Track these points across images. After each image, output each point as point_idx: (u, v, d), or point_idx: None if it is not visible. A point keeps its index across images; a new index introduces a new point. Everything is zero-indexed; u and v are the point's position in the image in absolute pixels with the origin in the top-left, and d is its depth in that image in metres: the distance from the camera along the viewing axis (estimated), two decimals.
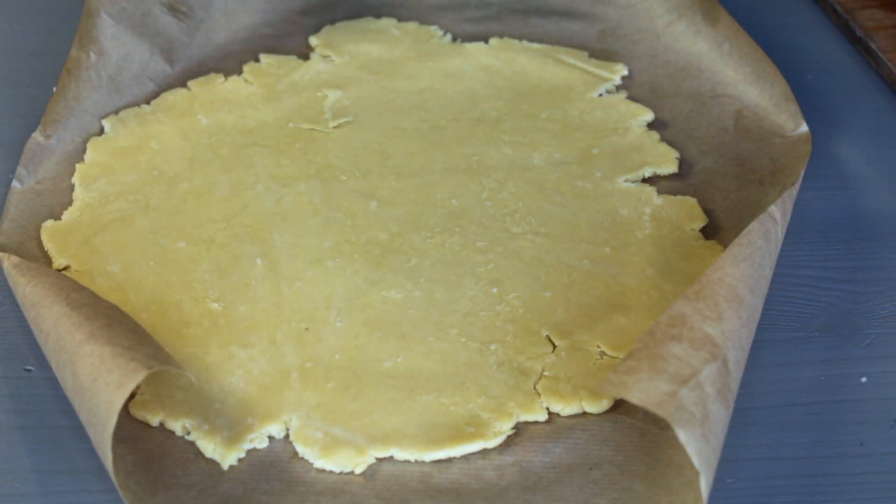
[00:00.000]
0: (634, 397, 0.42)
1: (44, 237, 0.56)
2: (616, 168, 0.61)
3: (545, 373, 0.50)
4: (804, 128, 0.61)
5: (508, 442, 0.48)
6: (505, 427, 0.48)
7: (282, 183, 0.59)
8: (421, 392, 0.49)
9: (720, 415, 0.43)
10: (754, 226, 0.49)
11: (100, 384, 0.43)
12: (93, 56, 0.64)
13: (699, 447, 0.41)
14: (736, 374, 0.45)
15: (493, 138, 0.63)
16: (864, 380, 0.51)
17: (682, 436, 0.41)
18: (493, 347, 0.51)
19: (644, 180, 0.61)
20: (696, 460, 0.40)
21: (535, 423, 0.48)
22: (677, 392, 0.42)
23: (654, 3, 0.70)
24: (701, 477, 0.40)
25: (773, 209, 0.51)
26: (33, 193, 0.59)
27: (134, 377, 0.43)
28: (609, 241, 0.57)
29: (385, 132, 0.63)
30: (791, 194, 0.54)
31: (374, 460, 0.47)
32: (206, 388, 0.49)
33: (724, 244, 0.56)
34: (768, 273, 0.50)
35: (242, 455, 0.47)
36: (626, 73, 0.68)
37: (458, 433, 0.47)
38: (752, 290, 0.48)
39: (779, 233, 0.51)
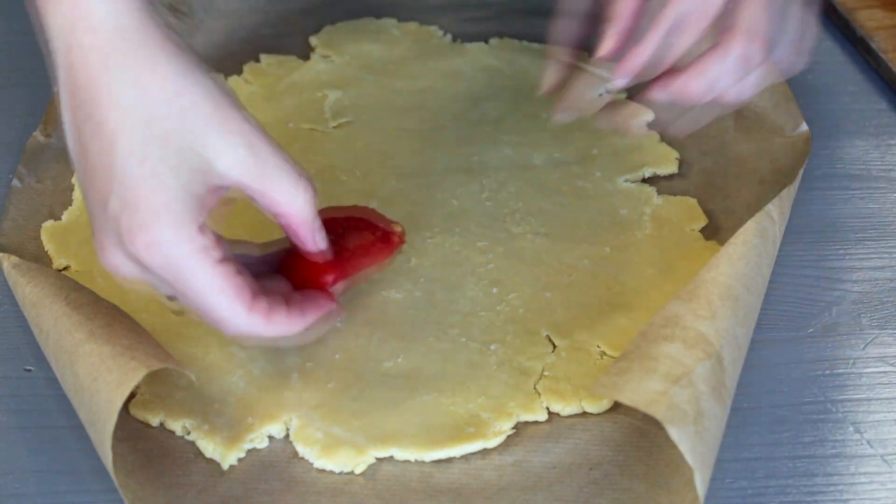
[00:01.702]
0: (625, 398, 0.42)
1: (44, 237, 0.56)
2: (616, 168, 0.61)
3: (545, 373, 0.50)
4: (804, 128, 0.61)
5: (508, 442, 0.48)
6: (505, 427, 0.48)
7: None
8: (421, 392, 0.49)
9: (715, 412, 0.43)
10: (750, 224, 0.49)
11: (100, 383, 0.43)
12: None
13: (692, 444, 0.41)
14: (732, 372, 0.45)
15: (494, 138, 0.63)
16: (863, 380, 0.51)
17: (675, 434, 0.40)
18: (493, 347, 0.51)
19: (644, 180, 0.61)
20: (689, 457, 0.40)
21: (535, 423, 0.48)
22: (669, 391, 0.42)
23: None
24: (696, 473, 0.40)
25: (770, 207, 0.51)
26: (33, 193, 0.59)
27: (134, 376, 0.43)
28: (609, 241, 0.56)
29: (385, 132, 0.63)
30: (789, 193, 0.54)
31: (374, 460, 0.47)
32: (206, 388, 0.49)
33: (724, 244, 0.56)
34: (766, 271, 0.50)
35: (242, 455, 0.47)
36: None
37: (458, 433, 0.47)
38: (749, 288, 0.47)
39: (776, 231, 0.51)
